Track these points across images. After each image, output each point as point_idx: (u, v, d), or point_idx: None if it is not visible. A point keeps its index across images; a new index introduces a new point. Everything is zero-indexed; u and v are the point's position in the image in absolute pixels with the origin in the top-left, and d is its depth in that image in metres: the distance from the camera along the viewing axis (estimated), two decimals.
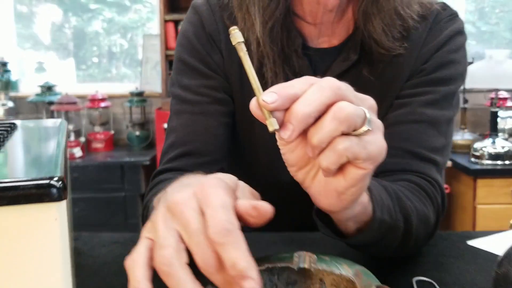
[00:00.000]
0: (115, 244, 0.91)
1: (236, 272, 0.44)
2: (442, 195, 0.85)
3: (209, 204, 0.46)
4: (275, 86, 0.47)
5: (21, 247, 0.44)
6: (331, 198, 0.54)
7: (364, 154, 0.48)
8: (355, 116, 0.46)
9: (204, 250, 0.45)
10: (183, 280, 0.44)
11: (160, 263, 0.45)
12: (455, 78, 0.89)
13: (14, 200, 0.43)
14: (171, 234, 0.47)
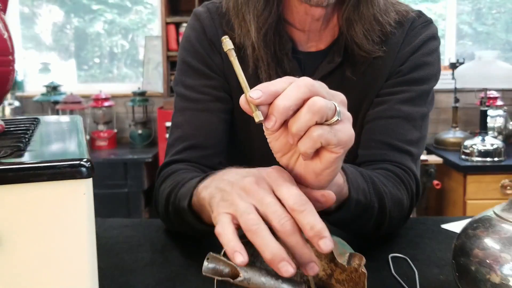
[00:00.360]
0: (125, 227, 1.01)
1: (314, 232, 0.55)
2: (417, 183, 0.95)
3: (281, 184, 0.59)
4: (260, 84, 0.57)
5: (56, 216, 0.54)
6: (310, 179, 0.63)
7: (335, 140, 0.58)
8: (326, 108, 0.56)
9: (281, 217, 0.56)
10: (267, 237, 0.55)
11: (248, 225, 0.56)
12: (429, 79, 0.99)
13: (52, 177, 0.53)
14: (250, 207, 0.57)
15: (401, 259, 0.83)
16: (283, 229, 0.56)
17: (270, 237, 0.56)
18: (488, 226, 0.65)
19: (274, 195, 0.58)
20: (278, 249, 0.55)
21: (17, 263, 0.54)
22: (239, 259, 0.55)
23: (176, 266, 0.82)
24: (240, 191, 0.60)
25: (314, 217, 0.56)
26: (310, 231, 0.55)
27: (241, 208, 0.58)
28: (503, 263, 0.61)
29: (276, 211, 0.56)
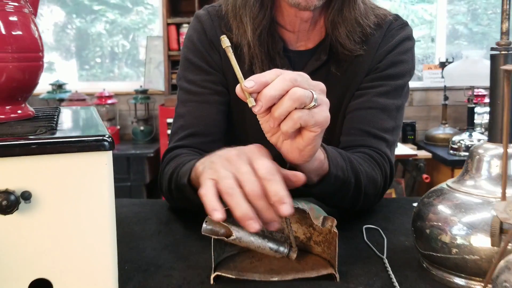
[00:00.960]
0: (134, 205, 1.14)
1: (277, 198, 0.68)
2: (390, 166, 1.08)
3: (258, 157, 0.72)
4: (253, 76, 0.70)
5: (82, 181, 0.67)
6: (295, 154, 0.76)
7: (312, 121, 0.70)
8: (304, 97, 0.69)
9: (253, 184, 0.69)
10: (240, 200, 0.68)
11: (225, 188, 0.69)
12: (403, 75, 1.12)
13: (80, 149, 0.66)
14: (229, 174, 0.70)
15: (374, 229, 0.96)
16: (252, 194, 0.68)
17: (242, 200, 0.68)
18: (440, 195, 0.78)
19: (250, 166, 0.71)
20: (247, 210, 0.68)
21: (48, 219, 0.66)
22: (216, 216, 0.68)
23: (178, 234, 0.95)
24: (224, 161, 0.73)
25: (279, 186, 0.68)
26: (274, 197, 0.68)
27: (221, 174, 0.71)
28: (452, 225, 0.73)
29: (249, 179, 0.69)
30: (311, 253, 0.83)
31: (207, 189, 0.70)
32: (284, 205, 0.68)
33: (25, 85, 0.80)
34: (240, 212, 0.68)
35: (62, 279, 0.68)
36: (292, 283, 0.74)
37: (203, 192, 0.70)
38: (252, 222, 0.68)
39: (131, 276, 0.76)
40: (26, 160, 0.64)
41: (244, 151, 0.74)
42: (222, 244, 0.80)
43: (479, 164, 0.77)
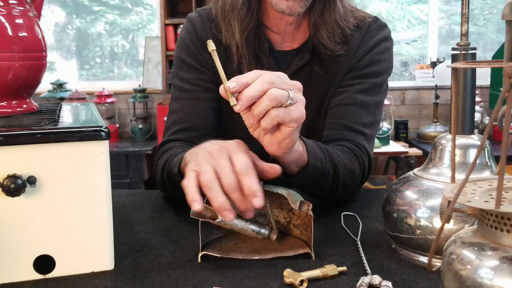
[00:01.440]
0: (130, 195, 1.22)
1: (250, 192, 0.76)
2: (369, 158, 1.15)
3: (236, 152, 0.80)
4: (235, 77, 0.78)
5: (81, 168, 0.75)
6: (274, 147, 0.84)
7: (288, 118, 0.78)
8: (280, 96, 0.76)
9: (229, 178, 0.77)
10: (217, 192, 0.76)
11: (205, 181, 0.77)
12: (381, 73, 1.20)
13: (80, 138, 0.74)
14: (209, 168, 0.78)
15: (351, 216, 1.04)
16: (228, 187, 0.77)
17: (219, 193, 0.76)
18: (407, 182, 0.85)
19: (229, 160, 0.79)
20: (223, 202, 0.76)
21: (51, 201, 0.74)
22: (195, 207, 0.76)
23: (170, 220, 1.03)
24: (206, 155, 0.81)
25: (252, 181, 0.76)
26: (247, 191, 0.76)
27: (203, 168, 0.79)
28: (417, 209, 0.81)
29: (226, 173, 0.77)
30: (291, 236, 0.91)
31: (189, 181, 0.78)
32: (256, 198, 0.76)
33: (29, 82, 0.88)
34: (217, 204, 0.76)
35: (64, 255, 0.76)
36: (272, 261, 0.82)
37: (186, 184, 0.78)
38: (228, 213, 0.76)
39: (126, 255, 0.84)
40: (32, 148, 0.72)
41: (225, 146, 0.82)
42: (209, 227, 0.88)
43: (441, 153, 0.85)
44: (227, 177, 0.77)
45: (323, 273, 0.75)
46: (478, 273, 0.57)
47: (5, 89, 0.85)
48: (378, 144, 3.33)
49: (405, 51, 4.63)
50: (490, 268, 0.56)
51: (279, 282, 0.74)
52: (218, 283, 0.74)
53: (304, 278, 0.72)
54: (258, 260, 0.82)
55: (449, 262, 0.61)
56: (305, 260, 0.82)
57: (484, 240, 0.60)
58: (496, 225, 0.59)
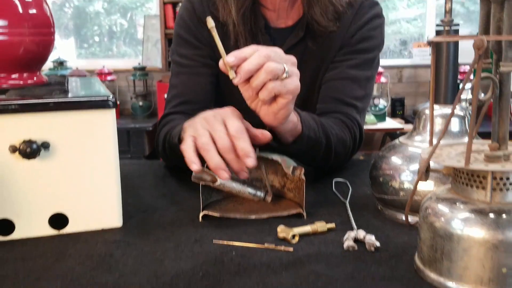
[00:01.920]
0: (134, 165, 1.29)
1: (243, 153, 0.82)
2: (360, 129, 1.22)
3: (230, 118, 0.86)
4: (234, 52, 0.84)
5: (91, 134, 0.81)
6: (271, 117, 0.90)
7: (284, 90, 0.85)
8: (277, 70, 0.82)
9: (224, 140, 0.83)
10: (213, 154, 0.82)
11: (202, 144, 0.83)
12: (373, 49, 1.26)
13: (89, 107, 0.80)
14: (205, 132, 0.85)
15: (342, 182, 1.10)
16: (223, 149, 0.83)
17: (215, 154, 0.83)
18: (393, 149, 0.92)
19: (223, 125, 0.85)
20: (219, 162, 0.83)
21: (64, 165, 0.81)
22: (194, 167, 0.83)
23: (173, 186, 1.10)
24: (202, 121, 0.88)
25: (245, 143, 0.83)
26: (241, 152, 0.83)
27: (199, 132, 0.85)
28: (401, 172, 0.88)
29: (220, 136, 0.84)
30: (285, 198, 0.98)
31: (187, 145, 0.85)
32: (249, 159, 0.82)
33: (39, 56, 0.94)
34: (213, 164, 0.82)
35: (76, 213, 0.83)
36: (267, 220, 0.89)
37: (184, 148, 0.85)
38: (223, 172, 0.82)
39: (133, 214, 0.91)
40: (45, 116, 0.79)
41: (219, 113, 0.88)
42: (209, 190, 0.95)
43: (424, 122, 0.91)
44: (222, 139, 0.83)
45: (313, 229, 0.82)
46: (450, 224, 0.64)
47: (17, 62, 0.91)
48: (374, 120, 3.40)
49: (404, 29, 4.67)
50: (461, 219, 0.64)
51: (273, 237, 0.81)
52: (218, 238, 0.81)
53: (295, 233, 0.79)
54: (254, 220, 0.89)
55: (424, 215, 0.68)
56: (297, 219, 0.89)
57: (456, 196, 0.67)
58: (467, 182, 0.66)
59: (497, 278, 0.61)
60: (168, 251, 0.76)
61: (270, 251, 0.76)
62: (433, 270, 0.66)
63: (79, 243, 0.79)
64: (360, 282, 0.66)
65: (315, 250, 0.76)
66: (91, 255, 0.74)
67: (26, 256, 0.74)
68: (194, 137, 0.85)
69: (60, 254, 0.75)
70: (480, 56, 0.62)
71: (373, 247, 0.75)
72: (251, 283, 0.65)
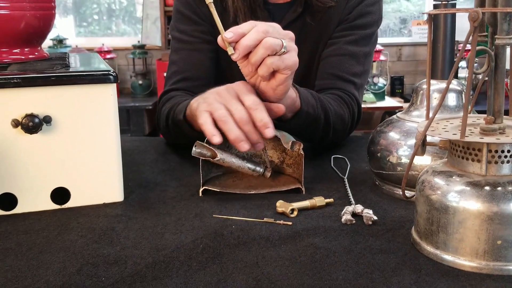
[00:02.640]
0: (134, 141, 1.30)
1: (262, 124, 0.84)
2: (358, 105, 1.23)
3: (244, 92, 0.87)
4: (232, 28, 0.84)
5: (92, 108, 0.82)
6: (270, 93, 0.91)
7: (283, 65, 0.85)
8: (275, 45, 0.83)
9: (241, 112, 0.84)
10: (232, 126, 0.84)
11: (220, 116, 0.85)
12: (371, 24, 1.26)
13: (91, 81, 0.81)
14: (221, 105, 0.86)
15: (341, 158, 1.11)
16: (241, 120, 0.84)
17: (234, 126, 0.84)
18: (390, 124, 0.93)
19: (238, 99, 0.86)
20: (239, 133, 0.84)
21: (66, 139, 0.82)
22: (215, 140, 0.84)
23: (173, 162, 1.11)
24: (215, 95, 0.88)
25: (263, 114, 0.84)
26: (259, 123, 0.84)
27: (215, 106, 0.86)
28: (398, 147, 0.89)
29: (237, 108, 0.85)
30: (284, 174, 0.99)
31: (205, 119, 0.86)
32: (268, 129, 0.84)
33: (40, 31, 0.95)
34: (233, 136, 0.83)
35: (78, 188, 0.84)
36: (266, 195, 0.90)
37: (202, 121, 0.86)
38: (243, 143, 0.84)
39: (134, 190, 0.92)
40: (47, 90, 0.80)
41: (232, 87, 0.89)
42: (209, 166, 0.96)
43: (422, 97, 0.92)
44: (239, 111, 0.84)
45: (311, 204, 0.83)
46: (446, 196, 0.65)
47: (18, 37, 0.92)
48: (373, 99, 3.40)
49: (404, 7, 4.65)
50: (457, 192, 0.65)
51: (272, 211, 0.82)
52: (218, 212, 0.82)
53: (294, 207, 0.81)
54: (253, 195, 0.90)
55: (421, 188, 0.69)
56: (296, 194, 0.90)
57: (452, 169, 0.68)
58: (463, 155, 0.67)
59: (492, 250, 0.62)
60: (168, 225, 0.77)
61: (269, 225, 0.77)
62: (429, 243, 0.67)
63: (81, 217, 0.80)
64: (357, 254, 0.67)
65: (314, 224, 0.77)
66: (93, 228, 0.76)
67: (28, 230, 0.75)
68: (209, 111, 0.86)
69: (63, 227, 0.76)
70: (475, 29, 0.62)
71: (370, 221, 0.77)
72: (251, 256, 0.67)
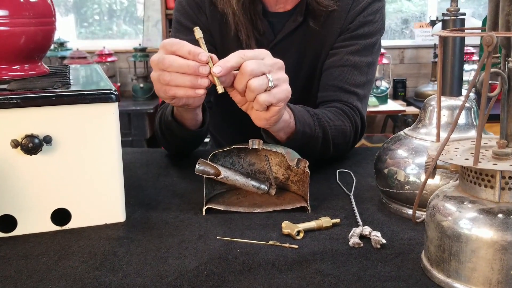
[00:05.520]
0: (135, 153, 1.28)
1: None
2: (361, 117, 1.21)
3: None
4: (219, 61, 0.83)
5: (93, 128, 0.80)
6: (262, 122, 0.90)
7: (274, 100, 0.85)
8: (260, 86, 0.82)
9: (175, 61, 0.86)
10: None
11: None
12: (373, 33, 1.23)
13: (92, 101, 0.79)
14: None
15: (346, 173, 1.10)
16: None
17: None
18: (398, 141, 0.91)
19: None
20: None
21: (66, 159, 0.80)
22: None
23: (175, 177, 1.09)
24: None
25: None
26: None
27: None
28: (406, 166, 0.87)
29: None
30: (289, 191, 0.97)
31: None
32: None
33: (40, 46, 0.93)
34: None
35: (79, 208, 0.82)
36: (271, 214, 0.88)
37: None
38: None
39: (136, 209, 0.91)
40: (47, 110, 0.78)
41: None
42: (213, 183, 0.94)
43: (430, 114, 0.90)
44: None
45: (318, 225, 0.81)
46: (458, 223, 0.63)
47: (18, 53, 0.90)
48: (376, 103, 3.38)
49: (406, 7, 4.63)
50: (469, 219, 0.63)
51: (278, 233, 0.80)
52: (222, 233, 0.80)
53: (300, 229, 0.79)
54: (258, 213, 0.88)
55: (432, 214, 0.67)
56: (301, 213, 0.88)
57: (464, 194, 0.66)
58: (475, 181, 0.65)
59: (506, 280, 0.60)
60: (171, 248, 0.75)
61: (275, 248, 0.75)
62: (441, 271, 0.65)
63: (82, 240, 0.78)
64: (366, 282, 0.65)
65: (321, 247, 0.75)
66: (94, 253, 0.74)
67: (28, 254, 0.74)
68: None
69: (63, 251, 0.74)
70: (489, 53, 0.60)
71: (378, 245, 0.75)
72: (257, 284, 0.65)
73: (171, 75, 0.84)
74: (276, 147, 0.92)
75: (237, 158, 0.97)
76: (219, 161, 0.94)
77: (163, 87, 0.86)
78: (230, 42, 1.24)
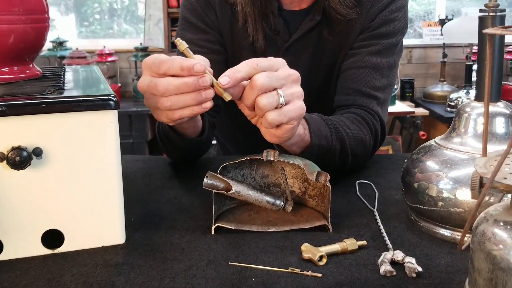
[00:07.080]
0: (137, 162, 1.18)
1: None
2: (381, 123, 1.11)
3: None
4: (228, 70, 0.74)
5: (90, 138, 0.71)
6: (273, 138, 0.81)
7: (286, 119, 0.76)
8: (268, 104, 0.73)
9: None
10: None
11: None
12: (396, 33, 1.14)
13: (88, 108, 0.70)
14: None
15: (366, 184, 1.00)
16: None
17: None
18: (428, 151, 0.82)
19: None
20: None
21: (59, 174, 0.71)
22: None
23: (181, 189, 1.00)
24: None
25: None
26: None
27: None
28: (439, 180, 0.77)
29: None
30: (306, 206, 0.88)
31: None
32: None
33: (32, 45, 0.83)
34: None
35: (73, 230, 0.73)
36: (287, 234, 0.79)
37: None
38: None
39: (137, 227, 0.81)
40: (37, 119, 0.68)
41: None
42: (222, 198, 0.85)
43: (466, 122, 0.81)
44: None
45: (342, 248, 0.72)
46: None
47: (7, 53, 0.80)
48: None
49: (409, 7, 4.53)
50: None
51: (297, 257, 0.71)
52: (234, 258, 0.71)
53: (323, 254, 0.69)
54: (273, 233, 0.79)
55: (481, 241, 0.58)
56: (322, 233, 0.79)
57: None
58: None
59: None
60: (177, 276, 0.66)
61: (295, 276, 0.66)
62: None
63: (76, 267, 0.69)
64: None
65: (347, 276, 0.66)
66: (90, 283, 0.64)
67: (14, 286, 0.64)
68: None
69: (54, 281, 0.65)
70: None
71: (414, 273, 0.65)
72: None
73: (170, 99, 0.75)
74: (293, 158, 0.83)
75: (248, 169, 0.87)
76: (229, 173, 0.85)
77: (165, 113, 0.77)
78: (237, 34, 1.15)
